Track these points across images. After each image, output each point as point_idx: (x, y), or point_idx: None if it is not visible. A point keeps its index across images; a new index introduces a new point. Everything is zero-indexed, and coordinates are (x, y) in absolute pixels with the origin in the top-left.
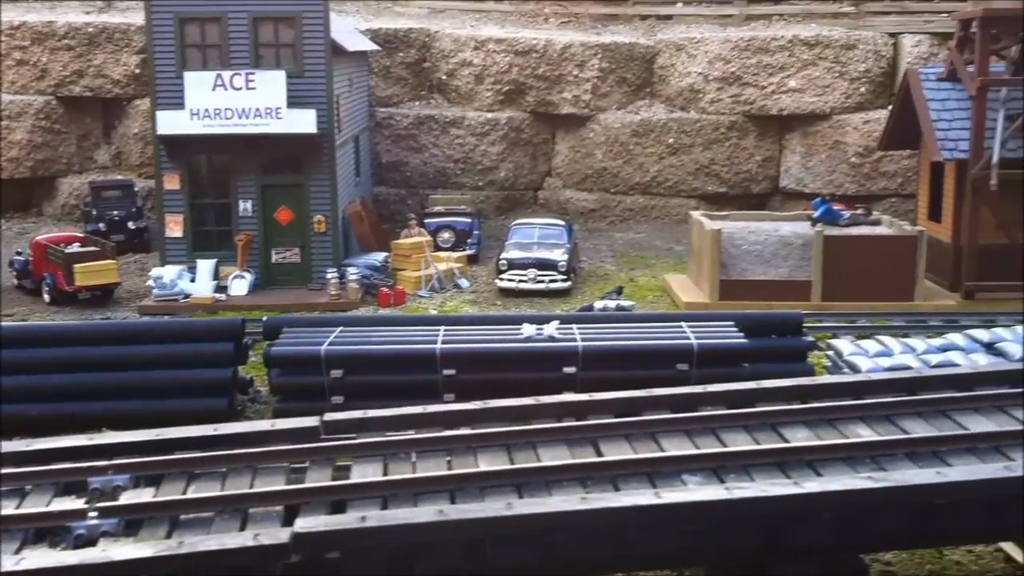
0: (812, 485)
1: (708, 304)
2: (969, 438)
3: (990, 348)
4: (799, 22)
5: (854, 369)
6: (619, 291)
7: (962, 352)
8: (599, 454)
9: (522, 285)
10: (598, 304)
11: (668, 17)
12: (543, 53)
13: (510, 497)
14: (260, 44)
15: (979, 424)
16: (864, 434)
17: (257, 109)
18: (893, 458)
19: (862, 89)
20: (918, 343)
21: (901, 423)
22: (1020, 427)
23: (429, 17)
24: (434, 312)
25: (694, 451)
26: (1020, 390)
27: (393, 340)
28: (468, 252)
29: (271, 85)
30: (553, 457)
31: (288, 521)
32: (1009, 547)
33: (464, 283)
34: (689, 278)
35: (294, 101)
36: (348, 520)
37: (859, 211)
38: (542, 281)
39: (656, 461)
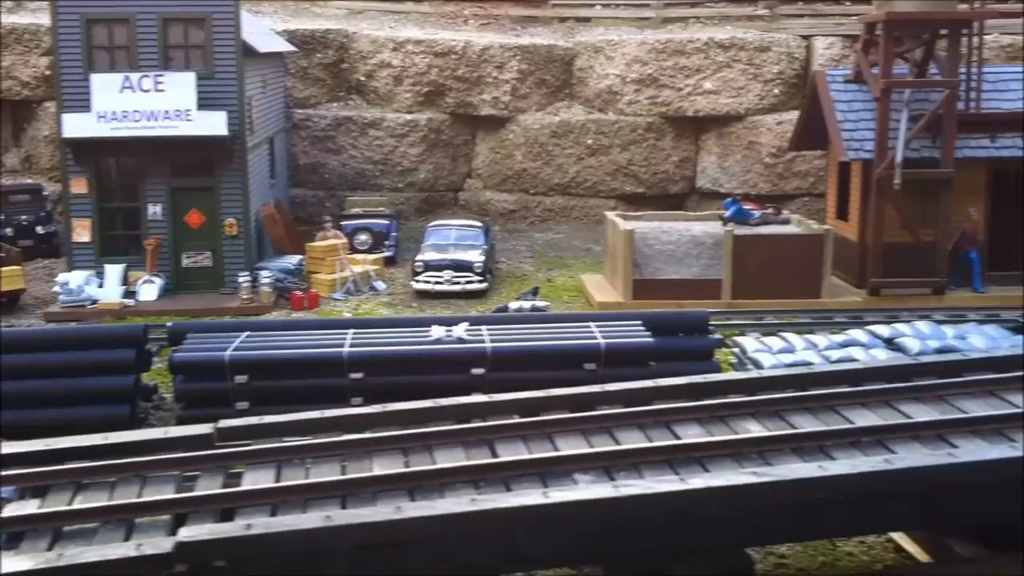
0: (697, 481)
1: (622, 303)
2: (853, 432)
3: (890, 343)
4: (715, 25)
5: (757, 366)
6: (535, 292)
7: (863, 348)
8: (494, 455)
9: (438, 287)
10: (513, 305)
11: (587, 19)
12: (462, 54)
13: (402, 501)
14: (169, 45)
15: (865, 419)
16: (753, 430)
17: (166, 111)
18: (780, 453)
19: (776, 91)
20: (821, 339)
21: (790, 418)
22: (905, 421)
23: (348, 18)
24: (348, 315)
25: (587, 450)
26: (909, 384)
27: (300, 344)
28: (386, 254)
29: (180, 87)
30: (448, 459)
31: (177, 530)
32: (900, 537)
33: (380, 285)
34: (605, 278)
35: (204, 103)
36: (233, 528)
37: (769, 211)
38: (458, 283)
39: (549, 461)
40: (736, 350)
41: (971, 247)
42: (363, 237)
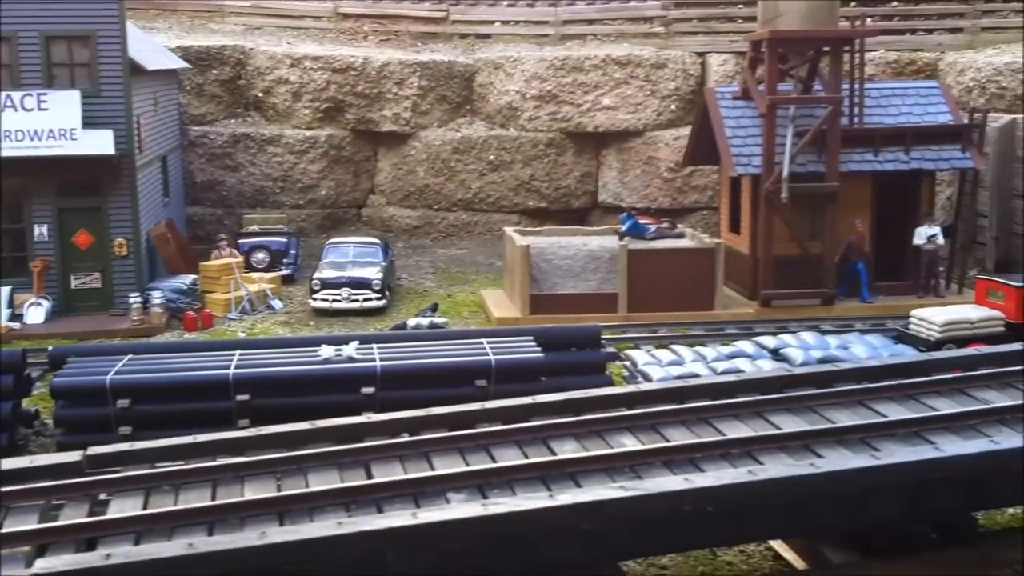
0: (565, 497)
1: (519, 319)
2: (723, 444)
3: (775, 354)
4: (612, 42)
5: (647, 378)
6: (434, 308)
7: (749, 359)
8: (369, 476)
9: (336, 305)
10: (411, 322)
11: (487, 36)
12: (361, 71)
13: (271, 525)
14: (53, 64)
15: (736, 430)
16: (628, 444)
17: (51, 131)
18: (651, 466)
19: (672, 106)
20: (710, 351)
21: (665, 432)
22: (773, 432)
23: (245, 34)
24: (243, 335)
25: (462, 469)
26: (781, 395)
27: (185, 367)
28: (284, 272)
29: (65, 106)
30: (321, 482)
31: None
32: (779, 545)
33: (277, 304)
34: (505, 293)
35: (90, 122)
36: (92, 558)
37: (664, 225)
38: (356, 300)
39: (422, 481)
40: (628, 363)
41: (858, 258)
42: (260, 255)
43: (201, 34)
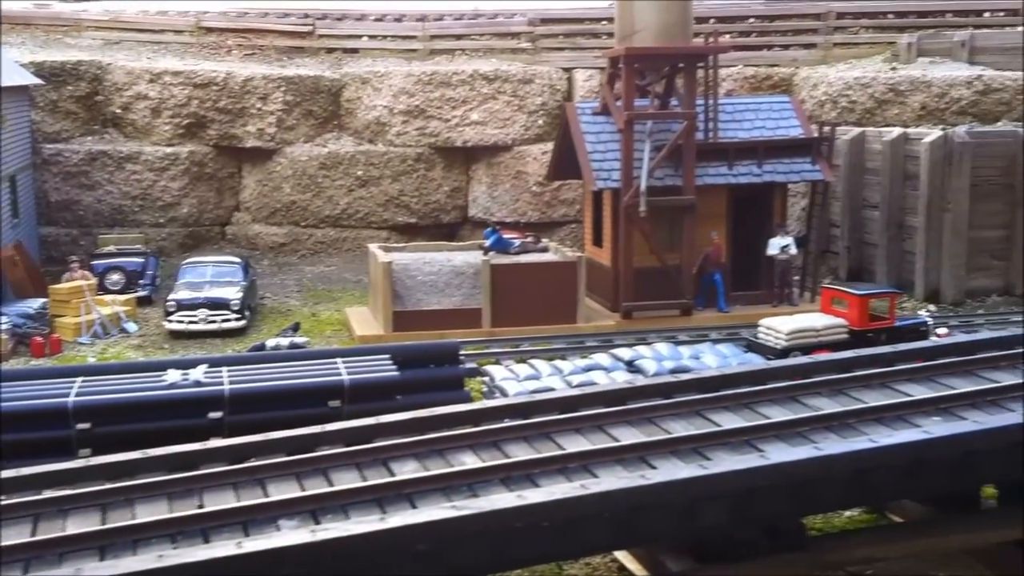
0: (396, 519)
1: (382, 336)
2: (561, 459)
3: (630, 365)
4: (480, 57)
5: (504, 393)
6: (296, 328)
7: (604, 371)
8: (200, 506)
9: (192, 326)
10: (271, 342)
11: (354, 51)
12: (224, 86)
13: (92, 561)
14: None
15: (576, 444)
16: (468, 462)
17: None
18: (489, 484)
19: (540, 121)
20: (567, 365)
21: (506, 448)
22: (612, 444)
23: (103, 49)
24: (93, 360)
25: (295, 495)
26: (622, 407)
27: (20, 395)
28: (140, 294)
29: None
30: (148, 513)
31: None
32: (622, 556)
33: (132, 327)
34: (369, 310)
35: None
36: None
37: (529, 239)
38: (214, 321)
39: (253, 508)
40: (486, 379)
41: (715, 269)
42: (115, 277)
43: (56, 49)
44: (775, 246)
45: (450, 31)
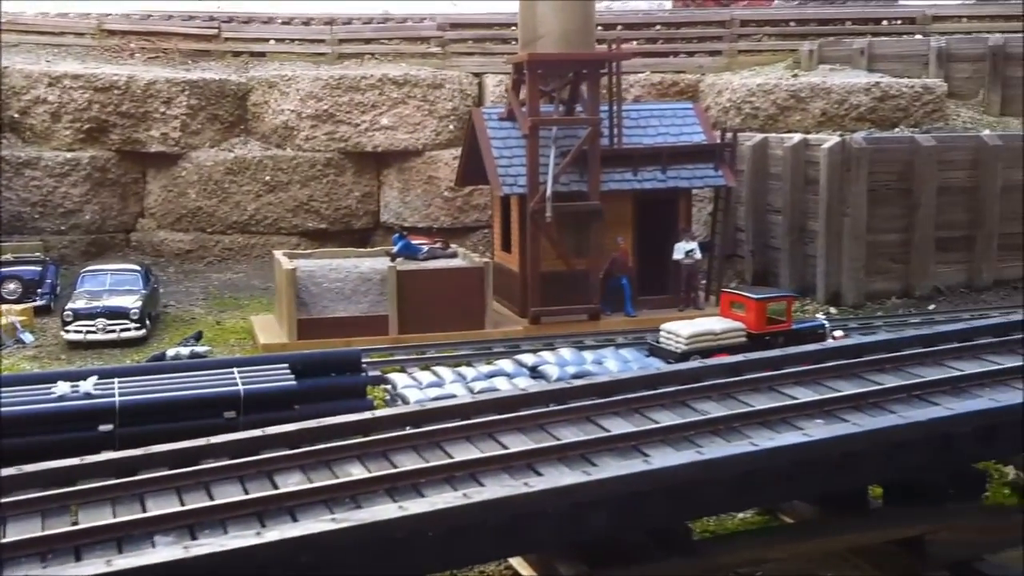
0: (273, 534)
1: (287, 345)
2: (447, 468)
3: (534, 371)
4: (390, 61)
5: (405, 401)
6: (198, 337)
7: (507, 377)
8: (74, 523)
9: (90, 336)
10: (171, 352)
11: (261, 54)
12: (126, 90)
13: None
14: None
15: (466, 452)
16: (355, 473)
17: None
18: (374, 495)
19: (451, 126)
20: (470, 371)
21: (394, 458)
22: (501, 452)
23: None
24: None
25: (172, 510)
26: (514, 414)
27: None
28: (38, 303)
29: None
30: (19, 532)
31: None
32: (516, 562)
33: (28, 338)
34: (275, 318)
35: None
36: None
37: (437, 245)
38: (113, 331)
39: (129, 524)
40: (389, 387)
41: (621, 274)
42: (11, 286)
43: None
44: (680, 251)
45: (359, 35)
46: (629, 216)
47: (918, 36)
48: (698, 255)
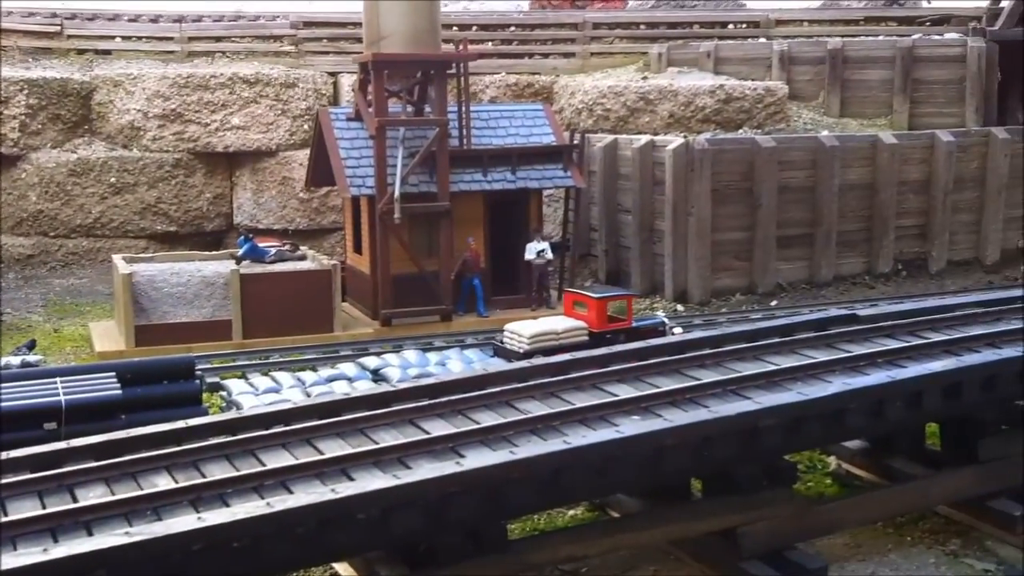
0: (60, 550)
1: (124, 352)
2: (258, 476)
3: (376, 374)
4: (241, 60)
5: (239, 408)
6: (31, 345)
7: (348, 381)
8: None
9: None
10: (1, 361)
11: (107, 52)
12: None
13: None
14: None
15: (278, 460)
16: (161, 484)
17: None
18: (177, 505)
19: (305, 126)
20: (311, 376)
21: (204, 468)
22: (315, 458)
23: None
24: None
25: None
26: (333, 419)
27: None
28: None
29: None
30: None
31: None
32: (339, 565)
33: None
34: (116, 324)
35: None
36: None
37: (286, 247)
38: None
39: None
40: (224, 393)
41: (473, 274)
42: None
43: None
44: (532, 251)
45: (209, 33)
46: (480, 217)
47: (762, 39)
48: (549, 255)
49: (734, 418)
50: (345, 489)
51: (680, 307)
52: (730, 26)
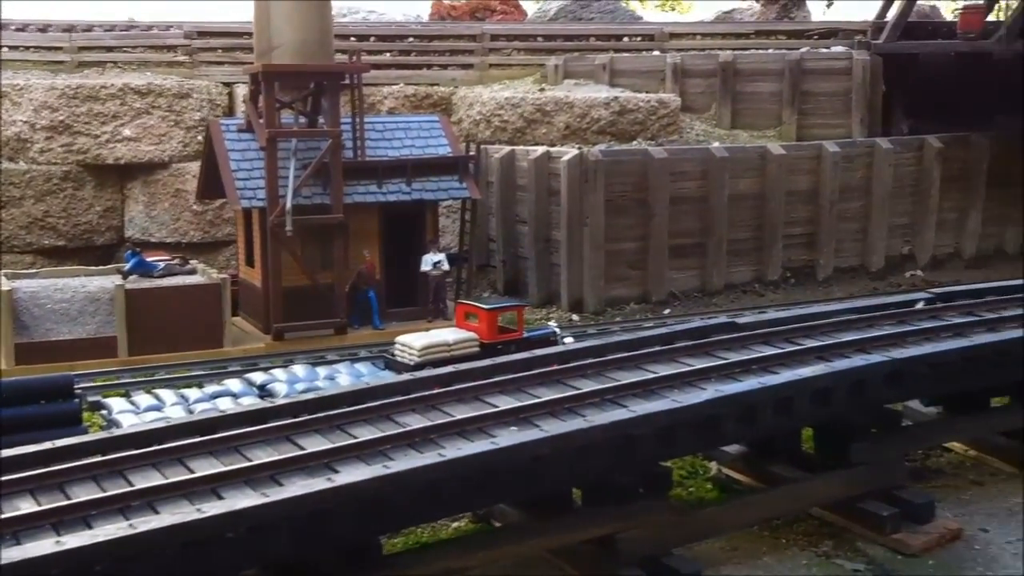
0: None
1: (4, 371)
2: (123, 497)
3: (262, 389)
4: (134, 70)
5: (118, 426)
6: None
7: (233, 397)
8: None
9: None
10: None
11: None
12: None
13: None
14: None
15: (147, 479)
16: (24, 507)
17: None
18: (41, 530)
19: (199, 137)
20: (195, 392)
21: (69, 490)
22: (185, 477)
23: None
24: None
25: None
26: (208, 437)
27: None
28: None
29: None
30: None
31: None
32: None
33: None
34: None
35: None
36: None
37: (175, 261)
38: None
39: None
40: (104, 411)
41: (368, 287)
42: None
43: None
44: (428, 262)
45: (101, 43)
46: (375, 229)
47: (656, 52)
48: (446, 266)
49: (608, 427)
50: (212, 508)
51: (575, 317)
52: (625, 39)
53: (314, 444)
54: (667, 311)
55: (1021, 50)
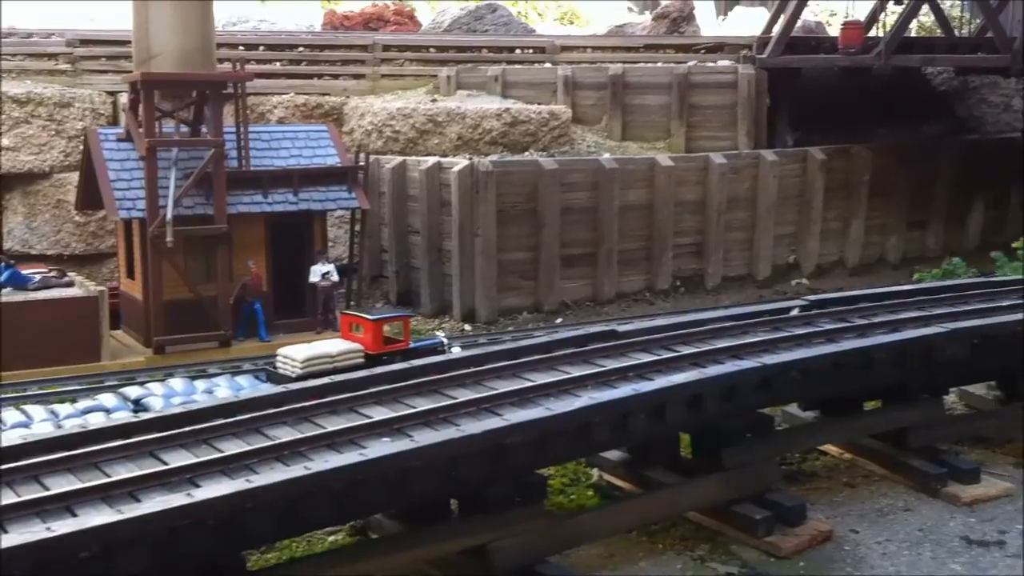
0: None
1: None
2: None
3: (137, 404)
4: (13, 79)
5: None
6: None
7: (107, 412)
8: None
9: None
10: None
11: None
12: None
13: None
14: None
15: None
16: None
17: None
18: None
19: (81, 147)
20: (66, 408)
21: None
22: (41, 494)
23: None
24: None
25: None
26: (67, 453)
27: None
28: None
29: None
30: None
31: None
32: None
33: None
34: None
35: None
36: None
37: (52, 274)
38: None
39: None
40: None
41: (254, 298)
42: None
43: None
44: (316, 273)
45: None
46: (261, 239)
47: (548, 65)
48: (335, 277)
49: (480, 436)
50: (62, 527)
51: (468, 327)
52: (518, 51)
53: (178, 459)
54: (559, 320)
55: (898, 65)
